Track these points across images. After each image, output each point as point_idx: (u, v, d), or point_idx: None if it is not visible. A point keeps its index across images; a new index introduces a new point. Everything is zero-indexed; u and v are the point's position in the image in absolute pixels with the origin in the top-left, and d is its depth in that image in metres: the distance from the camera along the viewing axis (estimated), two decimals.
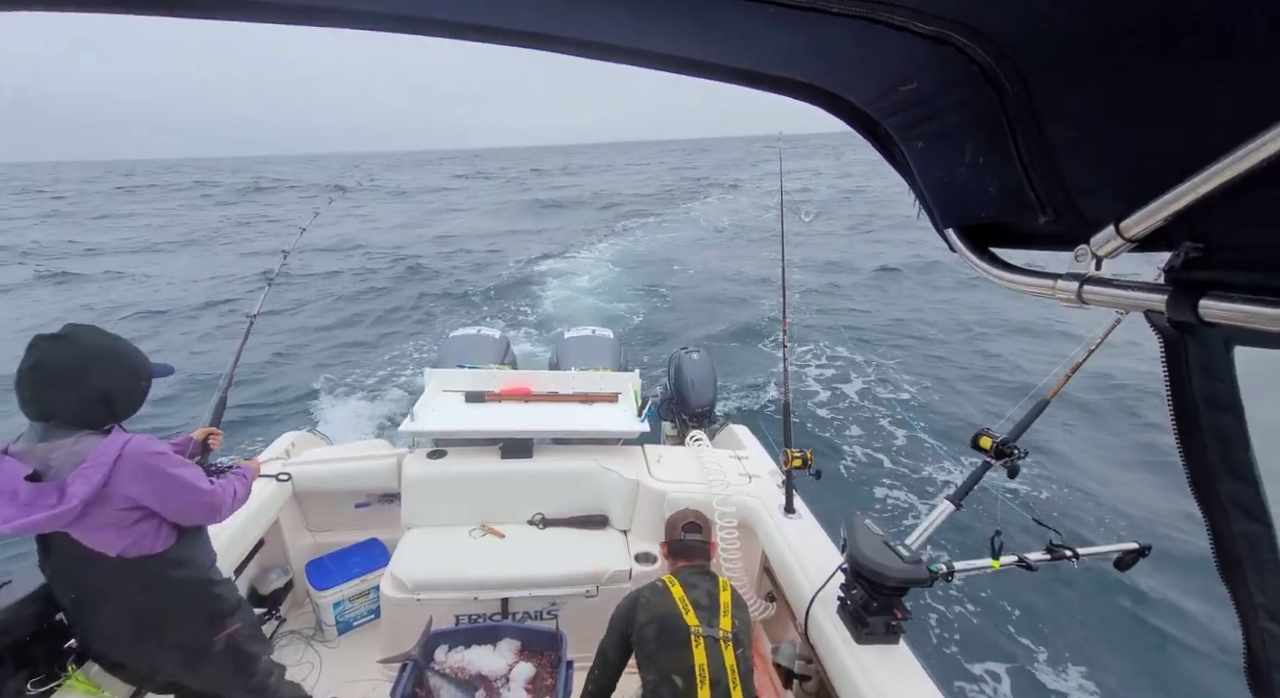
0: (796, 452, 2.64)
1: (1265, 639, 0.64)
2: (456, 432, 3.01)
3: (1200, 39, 0.42)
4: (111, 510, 1.56)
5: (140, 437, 1.63)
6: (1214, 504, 0.62)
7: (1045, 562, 1.97)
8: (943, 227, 0.81)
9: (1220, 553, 0.64)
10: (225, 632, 1.84)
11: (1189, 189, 0.46)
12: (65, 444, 1.53)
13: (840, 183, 36.76)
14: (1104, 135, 0.55)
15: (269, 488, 2.82)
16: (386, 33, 0.68)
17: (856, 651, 1.95)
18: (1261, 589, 0.63)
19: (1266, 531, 0.59)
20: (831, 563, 2.22)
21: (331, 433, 4.77)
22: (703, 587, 1.91)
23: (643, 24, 0.68)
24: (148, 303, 13.18)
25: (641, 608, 1.89)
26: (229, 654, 1.87)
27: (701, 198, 32.23)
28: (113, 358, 1.63)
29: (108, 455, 1.52)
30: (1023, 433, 2.13)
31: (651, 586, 1.96)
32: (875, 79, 0.73)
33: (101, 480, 1.50)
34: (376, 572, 2.89)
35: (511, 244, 19.53)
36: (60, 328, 1.59)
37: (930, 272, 14.52)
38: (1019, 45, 0.55)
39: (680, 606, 1.83)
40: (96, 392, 1.58)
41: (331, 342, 10.58)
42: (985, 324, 11.09)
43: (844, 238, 19.68)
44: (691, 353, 4.49)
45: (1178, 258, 0.53)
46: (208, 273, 16.28)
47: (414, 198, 38.83)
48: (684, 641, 1.75)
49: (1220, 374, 0.55)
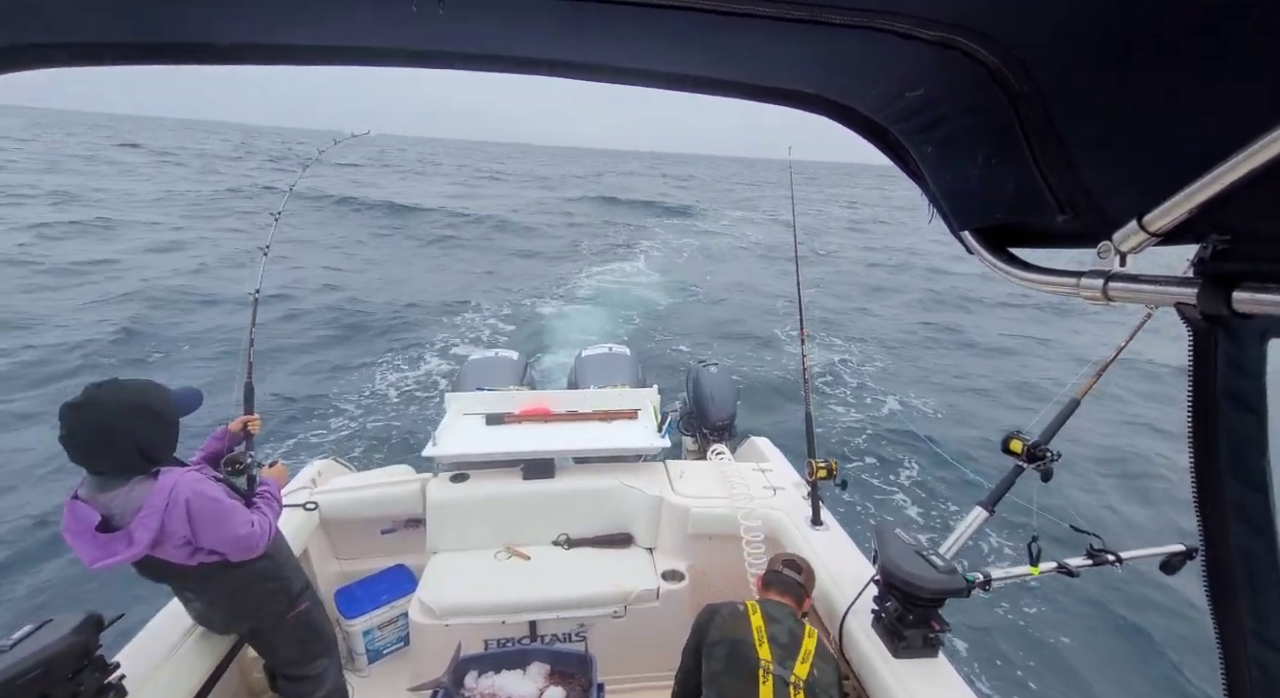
0: (821, 462, 2.60)
1: (1252, 668, 0.60)
2: (478, 455, 3.02)
3: (1214, 26, 0.42)
4: (177, 544, 1.77)
5: (187, 479, 1.79)
6: (1216, 513, 0.59)
7: (1087, 567, 1.91)
8: (958, 229, 0.80)
9: (1214, 569, 0.60)
10: (296, 610, 2.15)
11: (1213, 180, 0.45)
12: (121, 493, 1.71)
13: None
14: (1121, 131, 0.54)
15: (297, 517, 2.85)
16: (400, 68, 0.70)
17: (894, 665, 1.89)
18: (1255, 613, 0.58)
19: (1269, 546, 0.56)
20: (863, 575, 2.18)
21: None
22: (785, 625, 1.80)
23: (651, 46, 0.69)
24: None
25: (716, 626, 1.82)
26: (299, 629, 2.18)
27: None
28: (136, 412, 1.72)
29: (158, 503, 1.70)
30: (1054, 435, 2.08)
31: (732, 605, 1.88)
32: (882, 87, 0.73)
33: (158, 526, 1.70)
34: (404, 598, 2.89)
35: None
36: (81, 393, 1.69)
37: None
38: (1027, 45, 0.55)
39: (755, 635, 1.74)
40: (131, 448, 1.70)
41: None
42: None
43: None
44: (709, 366, 4.47)
45: (1206, 250, 0.52)
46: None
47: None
48: (752, 672, 1.65)
49: (1251, 369, 0.53)
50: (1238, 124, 0.43)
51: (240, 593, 2.03)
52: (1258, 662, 0.59)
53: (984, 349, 10.84)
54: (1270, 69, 0.41)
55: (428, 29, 0.66)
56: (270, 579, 2.08)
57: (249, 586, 2.03)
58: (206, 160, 43.77)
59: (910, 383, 8.80)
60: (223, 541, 1.83)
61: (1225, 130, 0.44)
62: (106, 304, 10.33)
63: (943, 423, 7.50)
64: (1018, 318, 13.15)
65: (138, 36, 0.67)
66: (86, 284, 11.48)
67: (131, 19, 0.64)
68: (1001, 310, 13.81)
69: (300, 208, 20.60)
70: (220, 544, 1.84)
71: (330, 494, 3.04)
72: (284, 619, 2.13)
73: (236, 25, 0.66)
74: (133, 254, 14.08)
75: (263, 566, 2.01)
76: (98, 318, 9.53)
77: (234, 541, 1.85)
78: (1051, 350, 10.87)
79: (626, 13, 0.55)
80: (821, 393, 8.15)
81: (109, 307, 10.19)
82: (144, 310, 10.06)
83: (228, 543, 1.85)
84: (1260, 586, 0.58)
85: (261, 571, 2.02)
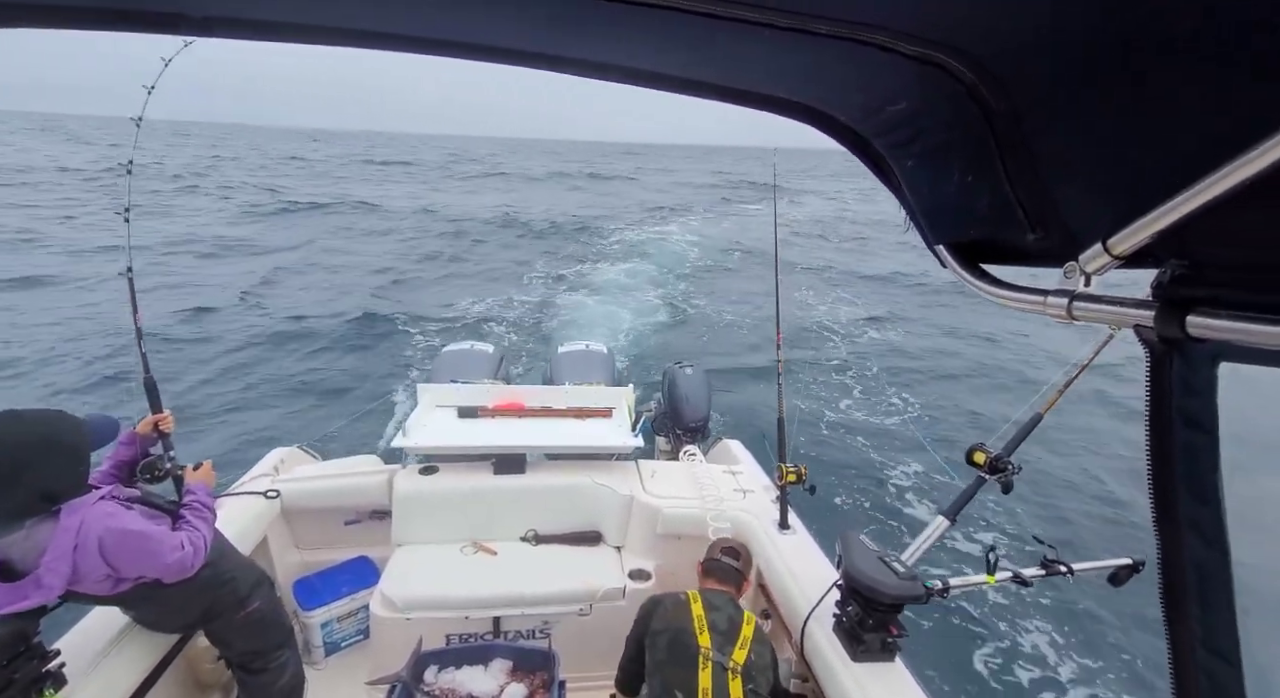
0: (791, 467, 2.63)
1: (1200, 676, 0.62)
2: (449, 447, 2.98)
3: (1183, 59, 0.43)
4: (97, 580, 1.64)
5: (95, 513, 1.59)
6: (1171, 527, 0.61)
7: (1040, 577, 1.97)
8: (933, 243, 0.82)
9: (1168, 579, 0.63)
10: (246, 611, 2.09)
11: (1173, 208, 0.47)
12: (17, 539, 1.52)
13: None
14: (1089, 154, 0.56)
15: (257, 505, 2.78)
16: (392, 52, 0.69)
17: (852, 668, 1.93)
18: (1205, 622, 0.61)
19: (1221, 558, 0.58)
20: (827, 580, 2.21)
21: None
22: (725, 612, 1.87)
23: (639, 45, 0.69)
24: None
25: (659, 615, 1.89)
26: (252, 627, 2.13)
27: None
28: (44, 449, 1.52)
29: (65, 546, 1.53)
30: (1016, 448, 2.13)
31: (675, 596, 1.95)
32: (864, 99, 0.74)
33: (69, 570, 1.54)
34: (366, 590, 2.84)
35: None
36: None
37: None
38: (1003, 65, 0.56)
39: (696, 624, 1.81)
40: (34, 492, 1.52)
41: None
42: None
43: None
44: (685, 367, 4.49)
45: (1165, 275, 0.53)
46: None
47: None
48: (692, 659, 1.73)
49: (1202, 391, 0.55)
50: (1201, 153, 0.44)
51: (184, 604, 1.96)
52: (1205, 670, 0.62)
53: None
54: (1233, 100, 0.42)
55: (410, 13, 0.64)
56: (215, 587, 1.99)
57: (191, 596, 1.94)
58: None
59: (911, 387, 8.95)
60: (150, 569, 1.71)
61: (1188, 158, 0.46)
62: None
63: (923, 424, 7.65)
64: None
65: (105, 1, 0.64)
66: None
67: None
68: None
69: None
70: (148, 573, 1.72)
71: (293, 483, 2.97)
72: (234, 620, 2.07)
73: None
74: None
75: (204, 576, 1.88)
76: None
77: (163, 569, 1.72)
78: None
79: (612, 10, 0.55)
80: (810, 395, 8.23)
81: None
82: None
83: (156, 571, 1.73)
84: (1211, 597, 0.60)
85: (203, 581, 1.90)
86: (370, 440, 6.14)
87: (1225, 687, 0.61)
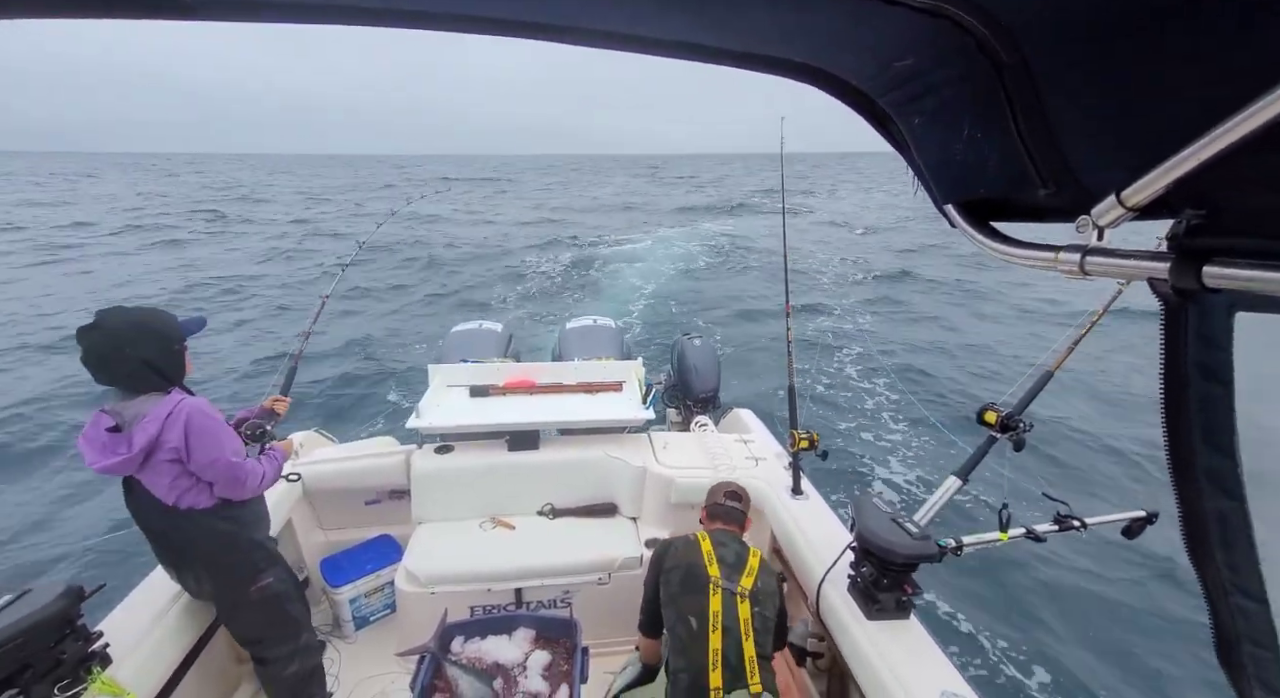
0: (803, 433, 2.65)
1: (1234, 613, 0.65)
2: (462, 427, 3.02)
3: (1197, 5, 0.42)
4: (164, 461, 1.83)
5: (195, 400, 1.90)
6: (1189, 479, 0.62)
7: (1053, 533, 1.99)
8: (942, 202, 0.80)
9: (1190, 529, 0.64)
10: (258, 585, 2.10)
11: (1190, 155, 0.46)
12: (135, 404, 1.84)
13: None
14: (1103, 105, 0.55)
15: (280, 488, 2.84)
16: (382, 28, 0.67)
17: (868, 627, 1.97)
18: (1231, 566, 0.63)
19: (1240, 507, 0.59)
20: (840, 542, 2.24)
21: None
22: (732, 548, 1.98)
23: (636, 10, 0.67)
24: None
25: (671, 555, 1.99)
26: (262, 606, 2.13)
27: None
28: (139, 333, 1.84)
29: (161, 412, 1.82)
30: (1028, 406, 2.14)
31: (685, 539, 2.04)
32: (870, 56, 0.72)
33: (156, 432, 1.80)
34: (390, 567, 2.92)
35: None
36: (93, 317, 1.82)
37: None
38: (1015, 16, 0.54)
39: (706, 558, 1.92)
40: (138, 362, 1.82)
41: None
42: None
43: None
44: (694, 339, 4.49)
45: (1180, 225, 0.52)
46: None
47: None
48: (703, 587, 1.85)
49: (1218, 342, 0.55)
50: (1217, 100, 0.43)
51: (206, 550, 2.00)
52: (1239, 608, 0.65)
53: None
54: (1248, 46, 0.41)
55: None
56: (235, 545, 2.04)
57: (214, 544, 2.00)
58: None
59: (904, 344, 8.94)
60: (213, 463, 1.87)
61: (1204, 105, 0.44)
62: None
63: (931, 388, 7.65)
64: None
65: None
66: None
67: None
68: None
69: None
70: (209, 468, 1.88)
71: (314, 465, 3.03)
72: (247, 592, 2.09)
73: None
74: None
75: (228, 529, 1.99)
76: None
77: (224, 466, 1.90)
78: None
79: None
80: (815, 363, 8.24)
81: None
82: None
83: (217, 467, 1.89)
84: (1233, 544, 0.62)
85: (227, 534, 1.99)
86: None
87: (1256, 622, 0.64)
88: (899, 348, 9.39)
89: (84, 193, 42.66)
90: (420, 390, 3.25)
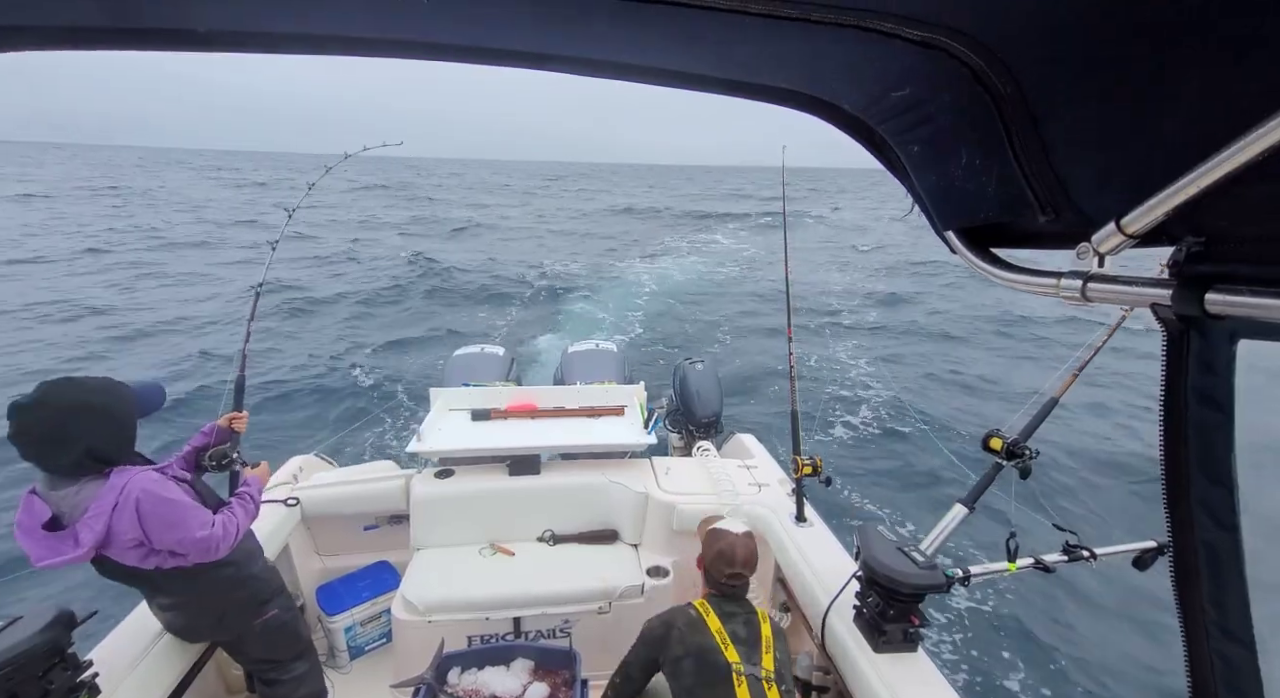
0: (806, 459, 2.62)
1: (1214, 660, 0.61)
2: (463, 451, 3.00)
3: (1193, 35, 0.43)
4: (126, 548, 1.70)
5: (141, 478, 1.71)
6: (1182, 508, 0.60)
7: (1062, 563, 1.95)
8: (942, 229, 0.81)
9: (1179, 560, 0.62)
10: (262, 617, 2.09)
11: (1188, 183, 0.46)
12: (69, 493, 1.66)
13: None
14: (1100, 133, 0.55)
15: (278, 514, 2.81)
16: (386, 58, 0.69)
17: (874, 660, 1.92)
18: (1217, 604, 0.60)
19: (1232, 539, 0.57)
20: (845, 571, 2.20)
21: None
22: (740, 616, 1.80)
23: (637, 41, 0.69)
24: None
25: (676, 641, 1.77)
26: (267, 635, 2.12)
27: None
28: (87, 413, 1.65)
29: (106, 503, 1.64)
30: (1033, 433, 2.11)
31: (685, 615, 1.83)
32: (867, 85, 0.73)
33: (103, 528, 1.63)
34: (387, 594, 2.87)
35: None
36: (33, 391, 1.61)
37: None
38: (1009, 47, 0.55)
39: (719, 639, 1.73)
40: (81, 450, 1.64)
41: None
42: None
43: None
44: (696, 363, 4.48)
45: (1181, 252, 0.53)
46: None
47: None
48: (725, 678, 1.66)
49: (1219, 369, 0.55)
50: (1214, 129, 0.44)
51: (203, 601, 1.97)
52: (1220, 653, 0.61)
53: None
54: (1245, 76, 0.42)
55: (412, 19, 0.65)
56: (235, 587, 2.01)
57: (212, 594, 1.97)
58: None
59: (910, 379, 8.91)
60: (178, 542, 1.75)
61: (1202, 135, 0.45)
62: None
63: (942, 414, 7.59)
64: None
65: (113, 21, 0.65)
66: None
67: (109, 3, 0.63)
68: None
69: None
70: (176, 546, 1.76)
71: (312, 490, 3.00)
72: (251, 626, 2.08)
73: (215, 11, 0.64)
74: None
75: (226, 573, 1.94)
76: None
77: (190, 543, 1.76)
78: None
79: (612, 7, 0.55)
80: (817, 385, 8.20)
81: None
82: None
83: (184, 545, 1.76)
84: (1223, 579, 0.59)
85: (225, 578, 1.95)
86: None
87: (1240, 670, 0.60)
88: (909, 370, 9.36)
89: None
90: (405, 404, 3.19)
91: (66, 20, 0.64)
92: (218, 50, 0.65)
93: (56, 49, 0.67)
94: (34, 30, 0.64)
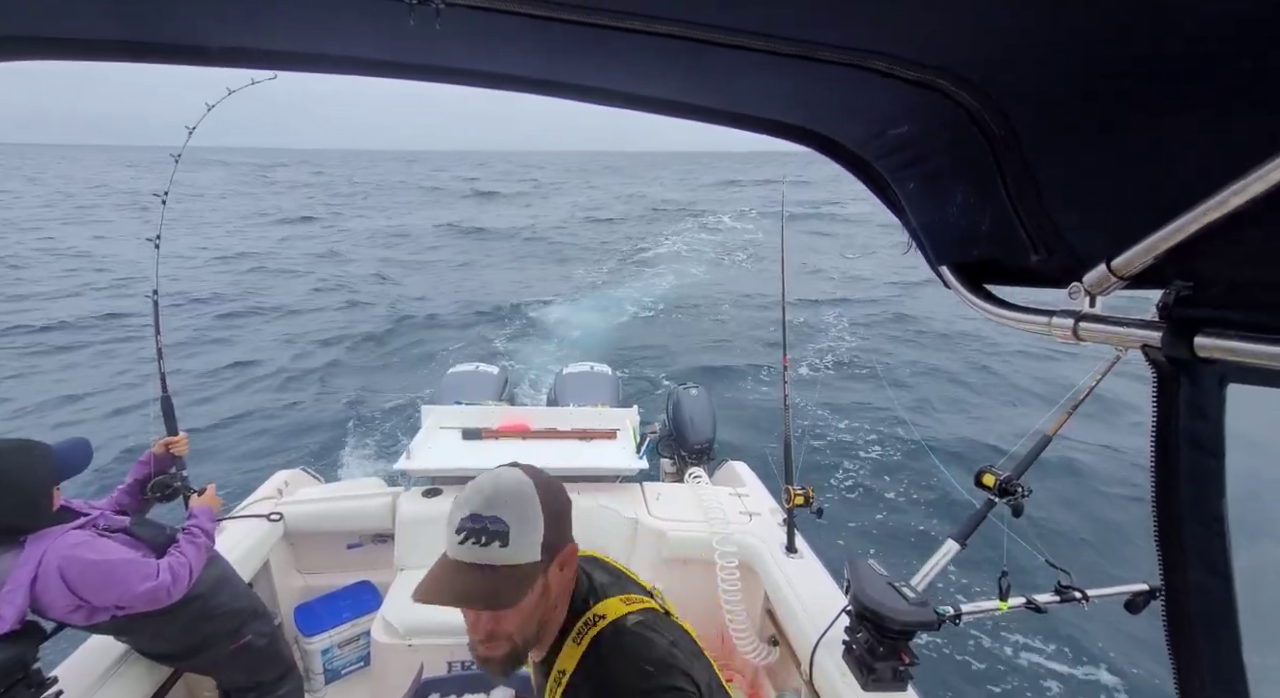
0: (798, 489, 2.60)
1: None
2: (453, 470, 2.96)
3: (1183, 82, 0.44)
4: (66, 611, 1.61)
5: (58, 545, 1.59)
6: (1175, 552, 0.59)
7: (1054, 604, 1.92)
8: (936, 264, 0.82)
9: (1171, 606, 0.61)
10: (239, 643, 2.04)
11: (1178, 228, 0.47)
12: None
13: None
14: (1092, 175, 0.56)
15: (260, 528, 2.76)
16: (394, 79, 0.70)
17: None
18: (1211, 652, 0.59)
19: (1225, 586, 0.56)
20: (835, 605, 2.16)
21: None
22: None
23: (640, 71, 0.71)
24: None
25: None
26: (245, 659, 2.08)
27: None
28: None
29: (23, 577, 1.53)
30: (1026, 470, 2.11)
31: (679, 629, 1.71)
32: (865, 123, 0.75)
33: (24, 602, 1.53)
34: (367, 616, 2.80)
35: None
36: None
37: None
38: (1003, 90, 0.57)
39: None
40: None
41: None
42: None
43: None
44: (690, 389, 4.47)
45: (1170, 295, 0.53)
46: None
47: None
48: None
49: (1209, 413, 0.55)
50: (1204, 174, 0.44)
51: (173, 635, 1.91)
52: None
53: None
54: (1234, 123, 0.43)
55: (420, 43, 0.66)
56: (205, 619, 1.95)
57: (180, 628, 1.91)
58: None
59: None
60: (119, 599, 1.67)
61: (1192, 178, 0.46)
62: None
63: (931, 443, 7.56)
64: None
65: (129, 35, 0.67)
66: None
67: (122, 17, 0.64)
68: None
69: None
70: (119, 602, 1.68)
71: (296, 505, 2.95)
72: (225, 651, 2.03)
73: (229, 29, 0.65)
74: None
75: (193, 607, 1.88)
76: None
77: (134, 597, 1.68)
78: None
79: (620, 38, 0.56)
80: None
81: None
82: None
83: (128, 600, 1.68)
84: (1216, 625, 0.58)
85: (193, 613, 1.89)
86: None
87: None
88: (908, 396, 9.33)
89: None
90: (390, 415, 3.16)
91: (80, 33, 0.65)
92: (231, 66, 0.66)
93: (74, 59, 0.68)
94: (45, 41, 0.65)
